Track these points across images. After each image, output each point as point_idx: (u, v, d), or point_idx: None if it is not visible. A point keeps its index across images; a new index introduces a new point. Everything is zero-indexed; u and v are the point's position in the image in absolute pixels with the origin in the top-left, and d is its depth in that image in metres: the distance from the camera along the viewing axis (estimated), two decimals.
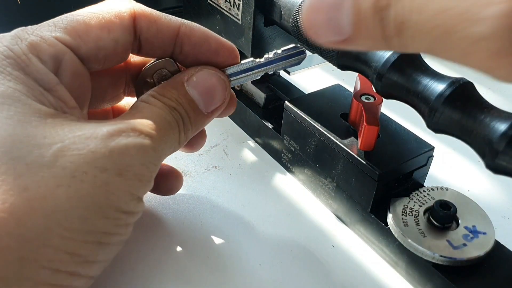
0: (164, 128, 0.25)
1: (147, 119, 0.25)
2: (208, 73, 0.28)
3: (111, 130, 0.23)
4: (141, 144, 0.23)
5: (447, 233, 0.29)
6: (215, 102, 0.28)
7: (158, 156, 0.25)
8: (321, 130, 0.33)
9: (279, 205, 0.36)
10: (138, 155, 0.23)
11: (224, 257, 0.31)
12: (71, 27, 0.25)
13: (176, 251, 0.31)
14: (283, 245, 0.32)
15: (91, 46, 0.26)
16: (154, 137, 0.24)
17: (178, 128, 0.26)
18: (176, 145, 0.26)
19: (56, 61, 0.24)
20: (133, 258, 0.30)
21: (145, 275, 0.29)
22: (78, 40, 0.25)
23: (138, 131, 0.24)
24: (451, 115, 0.24)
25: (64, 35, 0.25)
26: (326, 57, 0.31)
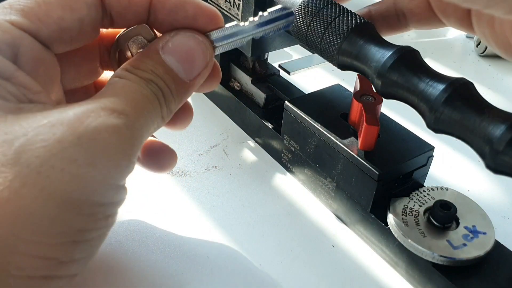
0: (141, 103, 0.23)
1: (122, 95, 0.23)
2: (184, 36, 0.26)
3: (79, 113, 0.21)
4: (113, 124, 0.21)
5: (447, 233, 0.29)
6: (197, 68, 0.25)
7: (137, 135, 0.23)
8: (321, 130, 0.33)
9: (279, 205, 0.36)
10: (112, 138, 0.21)
11: (224, 257, 0.31)
12: (28, 8, 0.24)
13: (176, 251, 0.31)
14: (283, 245, 0.32)
15: (53, 29, 0.24)
16: (129, 114, 0.22)
17: (158, 101, 0.24)
18: (159, 121, 0.24)
19: (13, 48, 0.23)
20: (132, 259, 0.30)
21: (145, 275, 0.29)
22: (38, 23, 0.23)
23: (109, 110, 0.21)
24: (451, 115, 0.24)
25: (21, 19, 0.23)
26: (326, 57, 0.31)
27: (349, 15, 0.29)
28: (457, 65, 0.58)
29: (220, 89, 0.44)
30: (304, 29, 0.31)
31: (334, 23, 0.29)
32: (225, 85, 0.44)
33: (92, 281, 0.29)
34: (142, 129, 0.23)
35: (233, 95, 0.43)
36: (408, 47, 0.27)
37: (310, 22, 0.30)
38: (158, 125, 0.25)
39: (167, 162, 0.31)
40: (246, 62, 0.43)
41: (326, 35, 0.30)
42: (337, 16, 0.30)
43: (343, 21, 0.29)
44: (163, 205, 0.34)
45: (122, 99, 0.22)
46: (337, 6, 0.30)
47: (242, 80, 0.43)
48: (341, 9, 0.30)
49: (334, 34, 0.29)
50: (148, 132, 0.24)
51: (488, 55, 0.60)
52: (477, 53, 0.61)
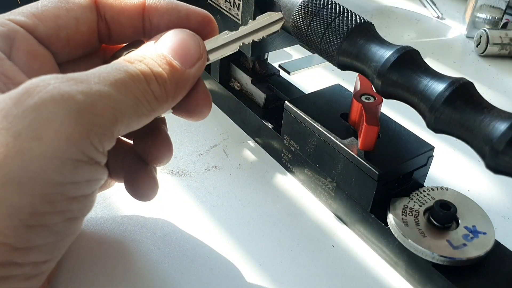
0: (116, 76, 0.21)
1: (95, 70, 0.21)
2: (177, 30, 0.26)
3: (29, 84, 0.19)
4: (63, 92, 0.19)
5: (447, 233, 0.29)
6: (191, 57, 0.25)
7: (105, 104, 0.20)
8: (321, 130, 0.33)
9: (279, 205, 0.36)
10: (60, 108, 0.19)
11: (224, 257, 0.31)
12: (27, 10, 0.25)
13: (176, 251, 0.31)
14: (283, 245, 0.32)
15: (50, 25, 0.24)
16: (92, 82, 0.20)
17: (144, 78, 0.23)
18: (150, 99, 0.23)
19: (7, 40, 0.23)
20: (132, 259, 0.30)
21: (145, 275, 0.29)
22: (34, 20, 0.24)
23: (65, 78, 0.20)
24: (451, 115, 0.24)
25: (19, 17, 0.24)
26: (326, 57, 0.31)
27: (349, 15, 0.29)
28: (457, 65, 0.58)
29: (220, 89, 0.44)
30: (304, 29, 0.31)
31: (334, 23, 0.29)
32: (225, 85, 0.44)
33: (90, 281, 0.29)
34: (116, 99, 0.21)
35: (233, 95, 0.43)
36: (408, 47, 0.27)
37: (310, 22, 0.30)
38: (151, 103, 0.23)
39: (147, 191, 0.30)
40: (246, 62, 0.43)
41: (326, 35, 0.30)
42: (337, 16, 0.30)
43: (343, 21, 0.29)
44: (163, 205, 0.34)
45: (91, 72, 0.21)
46: (337, 6, 0.30)
47: (242, 80, 0.43)
48: (341, 9, 0.30)
49: (334, 34, 0.29)
50: (130, 107, 0.22)
51: (488, 55, 0.60)
52: (477, 53, 0.61)
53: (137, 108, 0.22)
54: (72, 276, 0.29)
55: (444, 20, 0.69)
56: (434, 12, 0.70)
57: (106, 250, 0.31)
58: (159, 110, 0.24)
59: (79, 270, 0.29)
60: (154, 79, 0.23)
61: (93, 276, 0.29)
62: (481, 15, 0.63)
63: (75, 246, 0.30)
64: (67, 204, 0.20)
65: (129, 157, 0.30)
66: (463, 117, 0.24)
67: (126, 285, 0.29)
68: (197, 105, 0.28)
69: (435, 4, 0.71)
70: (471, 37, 0.64)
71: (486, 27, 0.61)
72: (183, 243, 0.32)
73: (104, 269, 0.29)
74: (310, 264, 0.31)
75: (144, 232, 0.32)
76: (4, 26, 0.23)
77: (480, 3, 0.62)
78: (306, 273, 0.31)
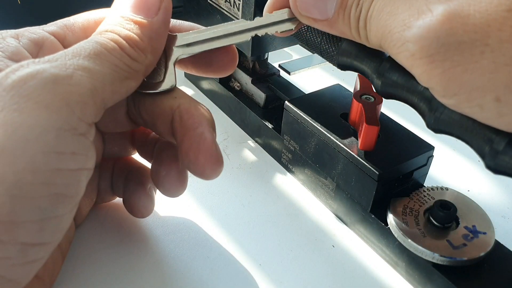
0: (88, 49, 0.23)
1: (68, 49, 0.22)
2: None
3: (11, 69, 0.20)
4: (41, 69, 0.20)
5: (447, 233, 0.29)
6: (153, 5, 0.25)
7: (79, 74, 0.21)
8: (321, 130, 0.33)
9: (279, 205, 0.36)
10: (35, 80, 0.20)
11: (224, 257, 0.31)
12: (61, 22, 0.27)
13: (176, 251, 0.31)
14: (283, 245, 0.32)
15: (78, 35, 0.26)
16: (64, 59, 0.21)
17: (115, 44, 0.24)
18: (128, 61, 0.24)
19: (36, 44, 0.25)
20: (132, 259, 0.30)
21: (145, 275, 0.29)
22: (65, 30, 0.26)
23: (42, 60, 0.21)
24: (451, 115, 0.24)
25: (51, 26, 0.26)
26: (326, 57, 0.31)
27: None
28: None
29: (220, 89, 0.45)
30: (304, 29, 0.31)
31: None
32: (225, 85, 0.44)
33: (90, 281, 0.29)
34: (92, 69, 0.22)
35: (233, 95, 0.43)
36: None
37: None
38: (131, 65, 0.24)
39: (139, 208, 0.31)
40: (246, 62, 0.43)
41: (326, 35, 0.30)
42: None
43: None
44: (163, 205, 0.34)
45: (65, 51, 0.22)
46: None
47: (242, 80, 0.43)
48: None
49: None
50: (110, 75, 0.23)
51: None
52: None
53: (116, 73, 0.23)
54: (71, 276, 0.29)
55: None
56: None
57: (106, 250, 0.31)
58: (141, 68, 0.25)
59: (78, 270, 0.29)
60: (125, 43, 0.24)
61: (92, 276, 0.29)
62: None
63: (75, 246, 0.30)
64: (51, 176, 0.20)
65: (132, 175, 0.31)
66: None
67: (126, 285, 0.29)
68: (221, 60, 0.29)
69: None
70: None
71: None
72: (183, 243, 0.32)
73: (104, 269, 0.29)
74: (310, 264, 0.31)
75: (144, 232, 0.32)
76: (37, 33, 0.25)
77: None
78: (306, 273, 0.31)
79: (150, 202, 0.31)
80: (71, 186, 0.21)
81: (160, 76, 0.27)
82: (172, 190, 0.29)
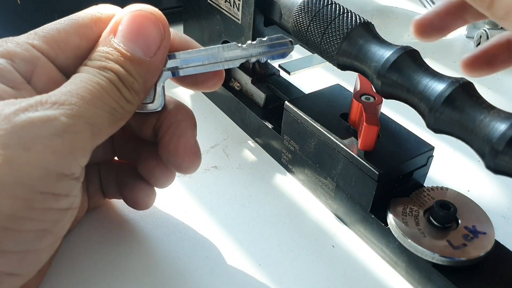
0: (92, 91, 0.23)
1: (71, 87, 0.23)
2: (132, 15, 0.25)
3: (19, 107, 0.21)
4: (49, 114, 0.21)
5: (447, 233, 0.29)
6: (153, 43, 0.25)
7: (85, 122, 0.22)
8: (321, 130, 0.33)
9: (279, 205, 0.36)
10: (45, 126, 0.21)
11: (224, 257, 0.31)
12: (50, 35, 0.25)
13: (176, 251, 0.31)
14: (283, 245, 0.32)
15: (70, 56, 0.25)
16: (73, 104, 0.22)
17: (114, 86, 0.24)
18: (123, 103, 0.24)
19: (29, 66, 0.24)
20: (132, 259, 0.30)
21: (145, 275, 0.29)
22: (57, 50, 0.25)
23: (50, 103, 0.22)
24: (451, 115, 0.24)
25: (42, 44, 0.25)
26: (326, 57, 0.31)
27: (349, 15, 0.30)
28: (457, 65, 0.58)
29: (220, 89, 0.44)
30: (304, 29, 0.31)
31: (334, 23, 0.29)
32: (225, 85, 0.44)
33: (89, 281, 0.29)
34: (94, 116, 0.23)
35: (233, 95, 0.43)
36: (408, 47, 0.27)
37: (310, 22, 0.31)
38: (125, 107, 0.24)
39: (143, 200, 0.31)
40: (246, 62, 0.43)
41: (326, 35, 0.30)
42: (337, 16, 0.30)
43: (343, 21, 0.29)
44: (163, 205, 0.34)
45: (69, 91, 0.22)
46: (337, 6, 0.30)
47: (242, 80, 0.43)
48: (341, 9, 0.30)
49: (334, 34, 0.29)
50: (108, 119, 0.23)
51: None
52: None
53: (112, 116, 0.24)
54: (71, 276, 0.29)
55: None
56: None
57: (105, 250, 0.31)
58: (133, 108, 0.25)
59: (78, 270, 0.29)
60: (122, 85, 0.24)
61: (92, 276, 0.29)
62: None
63: (74, 246, 0.30)
64: (43, 214, 0.22)
65: (122, 172, 0.31)
66: (463, 117, 0.24)
67: (126, 286, 0.29)
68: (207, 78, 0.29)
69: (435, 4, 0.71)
70: (471, 37, 0.64)
71: (486, 27, 0.61)
72: (183, 243, 0.32)
73: (103, 269, 0.29)
74: (310, 264, 0.31)
75: (143, 232, 0.32)
76: (27, 51, 0.24)
77: None
78: (306, 273, 0.31)
79: (152, 192, 0.31)
80: (58, 224, 0.23)
81: (150, 97, 0.27)
82: (162, 179, 0.30)
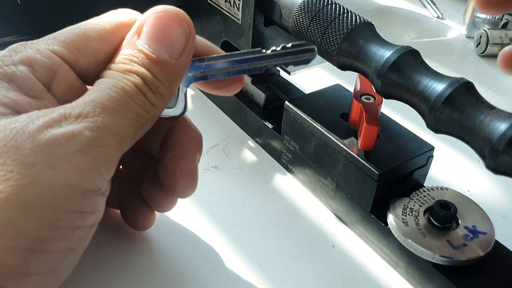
0: (116, 98, 0.22)
1: (94, 95, 0.22)
2: (156, 16, 0.24)
3: (43, 123, 0.20)
4: (73, 130, 0.20)
5: (447, 233, 0.29)
6: (178, 44, 0.24)
7: (110, 133, 0.21)
8: (321, 130, 0.33)
9: (279, 205, 0.36)
10: (70, 143, 0.20)
11: (224, 257, 0.31)
12: (70, 40, 0.24)
13: (176, 251, 0.31)
14: (283, 245, 0.32)
15: (91, 60, 0.25)
16: (94, 116, 0.21)
17: (140, 90, 0.23)
18: (149, 108, 0.23)
19: (50, 73, 0.23)
20: (132, 259, 0.30)
21: (145, 275, 0.29)
22: (77, 55, 0.24)
23: (73, 117, 0.21)
24: (451, 115, 0.24)
25: (62, 49, 0.24)
26: (326, 57, 0.31)
27: (349, 15, 0.30)
28: (457, 65, 0.58)
29: None
30: (304, 29, 0.31)
31: (334, 23, 0.29)
32: None
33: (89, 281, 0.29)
34: (119, 125, 0.22)
35: (233, 95, 0.43)
36: (408, 47, 0.27)
37: (310, 22, 0.31)
38: (151, 112, 0.23)
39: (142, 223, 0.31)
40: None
41: (326, 35, 0.30)
42: (337, 16, 0.30)
43: (343, 21, 0.29)
44: None
45: (93, 100, 0.22)
46: (337, 6, 0.30)
47: None
48: (341, 9, 0.30)
49: (334, 34, 0.29)
50: (133, 126, 0.23)
51: (488, 55, 0.60)
52: (477, 53, 0.61)
53: (138, 123, 0.23)
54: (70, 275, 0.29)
55: (444, 20, 0.69)
56: (434, 12, 0.70)
57: (105, 251, 0.31)
58: (159, 112, 0.24)
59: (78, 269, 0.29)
60: (148, 89, 0.23)
61: (92, 276, 0.29)
62: (481, 15, 0.63)
63: None
64: (70, 233, 0.21)
65: (126, 185, 0.31)
66: (463, 117, 0.24)
67: (126, 286, 0.29)
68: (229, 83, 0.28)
69: (435, 4, 0.71)
70: (471, 37, 0.64)
71: (486, 27, 0.61)
72: (183, 243, 0.32)
73: (103, 269, 0.29)
74: (310, 264, 0.31)
75: (143, 233, 0.32)
76: (48, 58, 0.23)
77: None
78: (306, 273, 0.31)
79: (152, 215, 0.31)
80: (83, 241, 0.22)
81: (172, 102, 0.26)
82: (165, 205, 0.30)
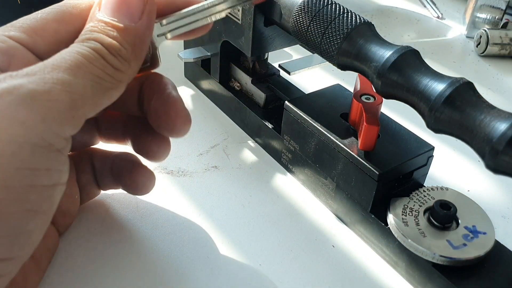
0: (70, 60, 0.22)
1: (48, 60, 0.22)
2: None
3: None
4: (13, 84, 0.20)
5: (447, 233, 0.29)
6: (136, 8, 0.24)
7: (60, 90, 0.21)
8: (321, 130, 0.33)
9: (279, 205, 0.36)
10: (11, 95, 0.20)
11: (224, 257, 0.31)
12: (27, 25, 0.24)
13: (176, 251, 0.31)
14: (283, 245, 0.32)
15: (49, 41, 0.25)
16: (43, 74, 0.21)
17: (98, 54, 0.23)
18: (105, 74, 0.23)
19: (5, 56, 0.23)
20: (132, 259, 0.30)
21: (145, 275, 0.29)
22: (35, 37, 0.24)
23: (20, 76, 0.21)
24: (451, 115, 0.24)
25: (19, 33, 0.24)
26: (326, 57, 0.31)
27: (349, 15, 0.30)
28: (457, 65, 0.58)
29: (220, 89, 0.44)
30: (304, 29, 0.31)
31: (334, 23, 0.29)
32: (225, 85, 0.44)
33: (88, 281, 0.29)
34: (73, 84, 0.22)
35: (233, 95, 0.43)
36: (408, 47, 0.27)
37: (310, 22, 0.31)
38: (115, 76, 0.24)
39: (144, 184, 0.31)
40: (246, 62, 0.43)
41: (326, 35, 0.30)
42: (337, 16, 0.30)
43: (343, 21, 0.29)
44: (163, 205, 0.34)
45: (43, 63, 0.22)
46: (337, 6, 0.30)
47: (242, 80, 0.43)
48: (341, 9, 0.30)
49: (334, 34, 0.29)
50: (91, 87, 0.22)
51: (488, 55, 0.60)
52: (477, 53, 0.61)
53: (99, 85, 0.23)
54: (70, 275, 0.29)
55: (444, 20, 0.69)
56: (434, 12, 0.70)
57: (105, 250, 0.31)
58: (125, 77, 0.24)
59: (77, 270, 0.29)
60: (107, 52, 0.23)
61: (91, 277, 0.29)
62: (481, 15, 0.63)
63: (73, 246, 0.30)
64: (24, 193, 0.20)
65: (119, 161, 0.31)
66: (463, 117, 0.24)
67: (125, 285, 0.29)
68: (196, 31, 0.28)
69: (435, 4, 0.71)
70: (471, 37, 0.64)
71: (486, 27, 0.61)
72: (182, 243, 0.32)
73: (103, 269, 0.29)
74: (310, 264, 0.31)
75: (143, 232, 0.32)
76: (4, 42, 0.23)
77: (480, 3, 0.62)
78: (306, 273, 0.31)
79: (151, 175, 0.32)
80: (44, 202, 0.21)
81: (147, 60, 0.28)
82: (160, 152, 0.30)
